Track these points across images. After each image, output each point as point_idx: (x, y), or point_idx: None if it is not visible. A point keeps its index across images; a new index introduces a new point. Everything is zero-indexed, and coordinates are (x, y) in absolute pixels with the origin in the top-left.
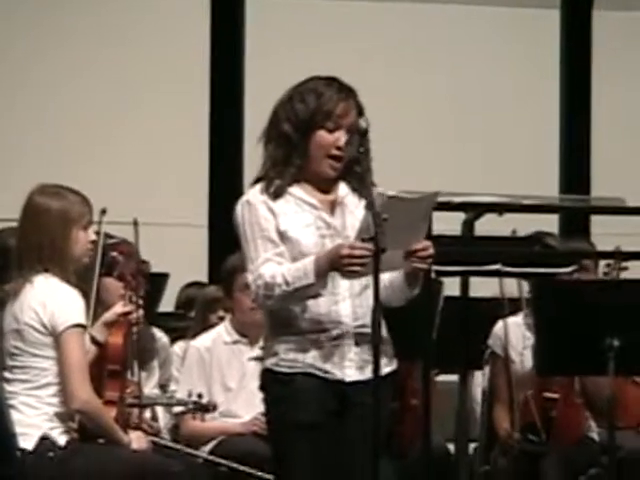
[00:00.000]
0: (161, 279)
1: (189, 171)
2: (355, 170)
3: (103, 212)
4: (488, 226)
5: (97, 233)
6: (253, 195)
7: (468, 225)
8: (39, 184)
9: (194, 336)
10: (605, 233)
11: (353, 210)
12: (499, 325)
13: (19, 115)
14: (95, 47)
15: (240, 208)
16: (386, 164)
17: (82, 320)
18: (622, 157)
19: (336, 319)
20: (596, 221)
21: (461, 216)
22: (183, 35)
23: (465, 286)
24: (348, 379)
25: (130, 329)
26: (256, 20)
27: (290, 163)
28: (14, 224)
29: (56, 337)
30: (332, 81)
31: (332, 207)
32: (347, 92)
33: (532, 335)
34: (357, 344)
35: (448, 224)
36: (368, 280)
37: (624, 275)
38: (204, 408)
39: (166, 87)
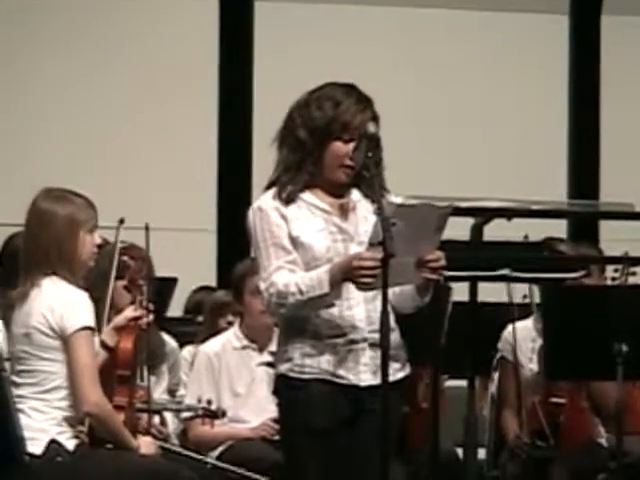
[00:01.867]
0: (170, 284)
1: (198, 176)
2: (364, 175)
3: (121, 222)
4: (497, 231)
5: (106, 242)
6: (265, 201)
7: (477, 230)
8: (43, 188)
9: (203, 341)
10: (614, 239)
11: (366, 215)
12: (509, 330)
13: (28, 123)
14: (105, 55)
15: (252, 214)
16: (392, 170)
17: (91, 322)
18: (631, 162)
19: (350, 324)
20: (605, 226)
21: (470, 221)
22: (192, 41)
23: (474, 291)
24: (363, 384)
25: (140, 334)
26: (264, 24)
27: (303, 169)
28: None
29: (65, 340)
30: (351, 89)
31: (344, 212)
32: (365, 102)
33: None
34: (371, 349)
35: (457, 229)
36: None
37: (632, 280)
38: (213, 415)
39: (175, 94)
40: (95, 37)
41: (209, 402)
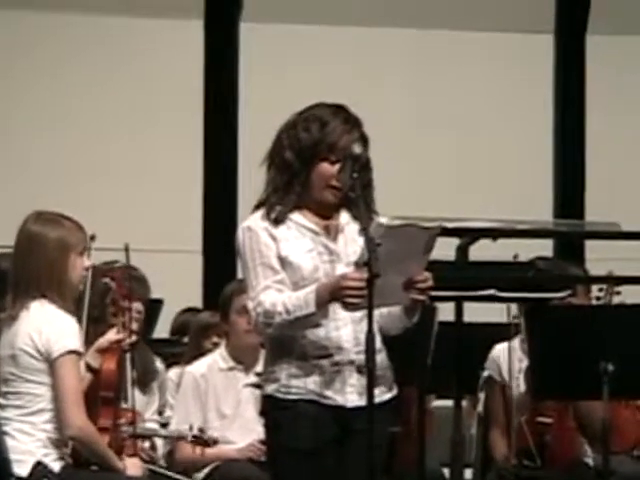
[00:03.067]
0: (155, 305)
1: (183, 197)
2: (349, 196)
3: (92, 238)
4: (483, 251)
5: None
6: (254, 221)
7: (462, 250)
8: (34, 212)
9: (188, 362)
10: (599, 258)
11: (354, 236)
12: (496, 349)
13: (10, 142)
14: (89, 73)
15: (241, 234)
16: (381, 189)
17: (77, 346)
18: (616, 181)
19: (337, 345)
20: (590, 246)
21: (455, 241)
22: (177, 61)
23: (459, 311)
24: (350, 404)
25: (123, 356)
26: (250, 45)
27: (291, 190)
28: (4, 250)
29: (51, 363)
30: (339, 110)
31: (333, 233)
32: (353, 123)
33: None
34: (358, 370)
35: (442, 249)
36: None
37: (617, 300)
38: (205, 443)
39: (159, 113)
40: (81, 59)
41: (201, 430)
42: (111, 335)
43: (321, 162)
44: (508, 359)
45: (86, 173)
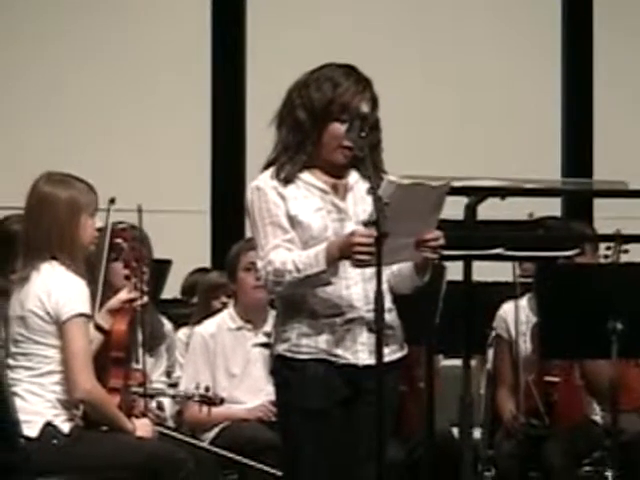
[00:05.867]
0: (164, 266)
1: (191, 157)
2: (358, 155)
3: (112, 201)
4: (491, 210)
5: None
6: (263, 181)
7: (470, 209)
8: (45, 172)
9: (197, 322)
10: (607, 217)
11: (364, 195)
12: (504, 308)
13: (23, 105)
14: (99, 36)
15: (250, 194)
16: (387, 148)
17: (86, 310)
18: (625, 140)
19: (348, 303)
20: (598, 204)
21: (463, 200)
22: (184, 22)
23: (468, 270)
24: (361, 363)
25: (134, 316)
26: (257, 4)
27: (302, 150)
28: (15, 212)
29: (60, 326)
30: (350, 70)
31: (342, 192)
32: (364, 84)
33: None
34: (369, 328)
35: (450, 209)
36: None
37: (625, 258)
38: (211, 402)
39: (168, 75)
40: (90, 21)
41: (207, 389)
42: (122, 295)
43: (333, 122)
44: (515, 318)
45: (96, 136)
